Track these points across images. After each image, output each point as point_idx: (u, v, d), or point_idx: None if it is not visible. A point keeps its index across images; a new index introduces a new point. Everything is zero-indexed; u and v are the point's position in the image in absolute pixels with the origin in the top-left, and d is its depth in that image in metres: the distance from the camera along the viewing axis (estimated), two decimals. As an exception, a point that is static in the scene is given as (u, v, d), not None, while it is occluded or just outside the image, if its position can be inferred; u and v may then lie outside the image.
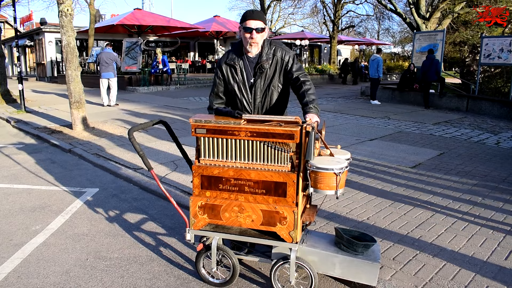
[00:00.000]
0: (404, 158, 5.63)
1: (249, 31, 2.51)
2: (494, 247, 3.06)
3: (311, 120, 2.35)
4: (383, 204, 3.92)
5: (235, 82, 2.67)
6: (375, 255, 2.42)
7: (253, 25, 2.50)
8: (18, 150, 6.46)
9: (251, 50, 2.58)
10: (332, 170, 2.22)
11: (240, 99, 2.69)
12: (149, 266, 2.89)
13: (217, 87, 2.74)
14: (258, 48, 2.59)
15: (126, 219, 3.74)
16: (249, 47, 2.57)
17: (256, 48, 2.58)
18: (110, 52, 11.44)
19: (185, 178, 4.67)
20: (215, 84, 2.75)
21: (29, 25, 28.25)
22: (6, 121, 9.31)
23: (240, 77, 2.65)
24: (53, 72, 23.72)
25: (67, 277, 2.75)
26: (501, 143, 6.79)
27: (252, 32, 2.51)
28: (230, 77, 2.68)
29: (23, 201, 4.18)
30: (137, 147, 2.48)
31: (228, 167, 2.38)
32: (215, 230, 2.50)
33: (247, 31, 2.52)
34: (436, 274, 2.68)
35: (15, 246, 3.18)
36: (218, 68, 2.72)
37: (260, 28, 2.51)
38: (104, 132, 7.52)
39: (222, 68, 2.70)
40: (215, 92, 2.76)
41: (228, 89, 2.72)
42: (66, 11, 7.20)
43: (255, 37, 2.52)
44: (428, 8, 16.31)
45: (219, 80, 2.72)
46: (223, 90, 2.75)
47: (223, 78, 2.71)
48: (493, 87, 13.15)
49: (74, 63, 7.43)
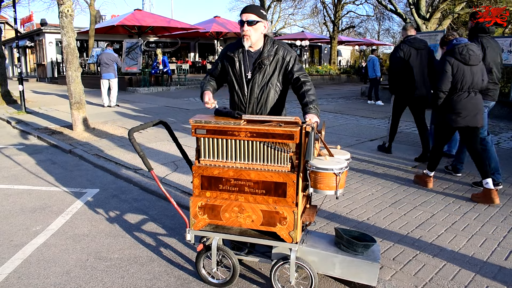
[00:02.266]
0: (404, 158, 5.63)
1: (241, 24, 2.58)
2: (494, 247, 3.06)
3: (311, 120, 2.36)
4: (383, 204, 3.92)
5: (233, 74, 2.73)
6: (375, 255, 2.42)
7: (244, 17, 2.56)
8: (18, 151, 6.46)
9: (245, 43, 2.61)
10: (332, 170, 2.22)
11: (236, 92, 2.76)
12: (149, 267, 2.89)
13: (215, 71, 2.85)
14: (251, 42, 2.61)
15: (126, 219, 3.75)
16: (242, 40, 2.62)
17: (249, 42, 2.60)
18: (110, 53, 11.43)
19: (185, 179, 4.67)
20: (216, 67, 2.85)
21: (30, 26, 28.30)
22: (6, 122, 9.32)
23: (238, 70, 2.70)
24: (53, 73, 23.75)
25: (67, 277, 2.75)
26: (501, 143, 6.78)
27: (244, 25, 2.56)
28: (229, 69, 2.75)
29: (24, 202, 4.19)
30: (137, 148, 2.48)
31: (228, 167, 2.38)
32: (215, 230, 2.50)
33: (240, 25, 2.60)
34: (436, 274, 2.68)
35: (16, 247, 3.19)
36: (222, 54, 2.80)
37: (251, 21, 2.55)
38: (105, 132, 7.52)
39: (223, 59, 2.79)
40: (211, 72, 2.88)
41: (227, 80, 2.81)
42: (66, 12, 7.21)
43: (246, 29, 2.56)
44: (428, 8, 16.31)
45: (220, 63, 2.82)
46: (219, 72, 2.84)
47: (221, 69, 2.82)
48: (493, 87, 13.11)
49: (75, 64, 7.44)
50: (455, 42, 4.05)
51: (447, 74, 3.96)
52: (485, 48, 4.39)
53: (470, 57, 3.91)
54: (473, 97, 3.97)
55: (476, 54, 3.95)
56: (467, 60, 3.92)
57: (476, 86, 4.00)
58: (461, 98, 3.96)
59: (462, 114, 3.96)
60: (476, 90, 4.02)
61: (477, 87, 4.01)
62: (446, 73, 3.97)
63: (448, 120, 4.04)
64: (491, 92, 4.46)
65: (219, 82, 2.90)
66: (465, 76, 3.93)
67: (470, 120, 3.97)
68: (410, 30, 5.55)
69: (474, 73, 3.95)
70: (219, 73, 2.84)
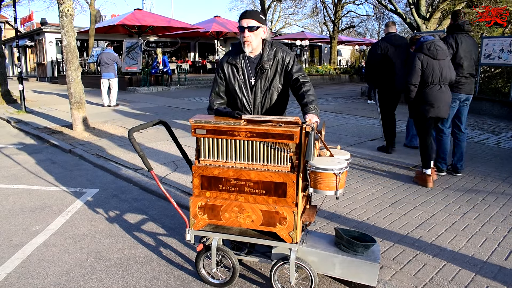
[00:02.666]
0: (404, 158, 5.63)
1: (241, 30, 2.56)
2: (494, 247, 3.06)
3: (311, 120, 2.36)
4: (383, 204, 3.92)
5: (236, 82, 2.69)
6: (375, 255, 2.42)
7: (245, 23, 2.54)
8: (18, 151, 6.46)
9: (245, 49, 2.60)
10: (332, 170, 2.22)
11: (240, 99, 2.71)
12: (149, 267, 2.89)
13: (218, 86, 2.75)
14: (252, 47, 2.60)
15: (126, 219, 3.75)
16: (243, 46, 2.59)
17: (250, 47, 2.59)
18: (110, 53, 11.48)
19: (185, 179, 4.67)
20: (216, 83, 2.76)
21: (30, 25, 28.30)
22: (6, 121, 9.32)
23: (241, 76, 2.68)
24: (53, 73, 23.75)
25: (67, 277, 2.75)
26: (501, 143, 6.78)
27: (244, 31, 2.54)
28: (231, 76, 2.70)
29: (24, 202, 4.19)
30: (137, 148, 2.48)
31: (228, 167, 2.38)
32: (215, 230, 2.50)
33: (240, 30, 2.57)
34: (436, 274, 2.68)
35: (15, 247, 3.19)
36: (220, 67, 2.74)
37: (251, 26, 2.54)
38: (105, 132, 7.52)
39: (223, 67, 2.72)
40: (215, 91, 2.76)
41: (229, 89, 2.74)
42: (66, 12, 7.21)
43: (247, 35, 2.55)
44: (428, 8, 16.31)
45: (220, 79, 2.74)
46: (224, 89, 2.75)
47: (224, 78, 2.73)
48: (493, 87, 13.16)
49: (75, 63, 7.44)
50: (422, 40, 4.37)
51: (416, 68, 4.28)
52: (458, 44, 4.70)
53: (437, 52, 4.25)
54: (443, 90, 4.32)
55: (442, 49, 4.29)
56: (435, 54, 4.25)
57: (446, 80, 4.32)
58: (433, 90, 4.29)
59: (435, 105, 4.29)
60: (446, 83, 4.35)
61: (446, 80, 4.33)
62: (415, 67, 4.28)
63: (423, 111, 4.35)
64: (462, 85, 4.72)
65: (227, 97, 2.79)
66: (434, 70, 4.25)
67: (441, 111, 4.33)
68: (392, 27, 5.86)
69: (443, 67, 4.28)
70: (223, 87, 2.74)
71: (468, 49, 4.73)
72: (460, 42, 4.69)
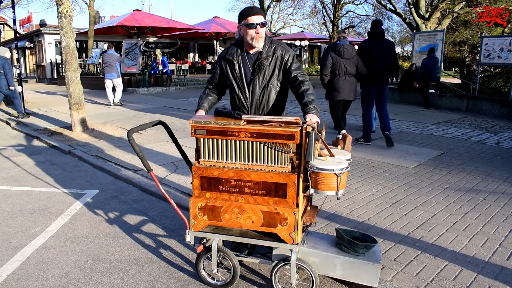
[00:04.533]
0: (405, 158, 5.62)
1: (253, 26, 2.55)
2: (496, 247, 3.05)
3: (311, 120, 2.35)
4: (384, 204, 3.91)
5: (233, 78, 2.71)
6: (376, 256, 2.41)
7: (257, 20, 2.54)
8: (17, 152, 6.45)
9: (258, 44, 2.60)
10: (333, 170, 2.21)
11: (237, 95, 2.72)
12: (149, 268, 2.88)
13: (215, 77, 2.83)
14: (263, 41, 2.61)
15: (126, 220, 3.73)
16: (255, 42, 2.59)
17: (262, 42, 2.61)
18: (112, 54, 11.78)
19: (185, 180, 4.66)
20: (215, 72, 2.83)
21: (29, 26, 28.22)
22: (5, 123, 9.30)
23: (238, 72, 2.68)
24: (52, 74, 23.73)
25: (66, 279, 2.74)
26: (502, 143, 6.77)
27: (256, 27, 2.54)
28: (229, 72, 2.72)
29: (23, 203, 4.17)
30: (137, 149, 2.47)
31: (228, 168, 2.36)
32: (215, 231, 2.49)
33: (251, 27, 2.55)
34: (437, 274, 2.66)
35: (15, 249, 3.17)
36: (220, 58, 2.78)
37: (262, 22, 2.56)
38: (104, 133, 7.51)
39: (221, 63, 2.75)
40: (212, 78, 2.86)
41: (227, 84, 2.78)
42: (65, 13, 7.19)
43: (261, 31, 2.56)
44: (428, 8, 16.32)
45: (217, 73, 2.81)
46: (219, 80, 2.82)
47: (221, 73, 2.78)
48: (493, 87, 13.17)
49: (74, 64, 7.43)
50: (338, 43, 5.99)
51: (327, 63, 5.94)
52: (370, 47, 6.16)
53: (344, 53, 5.87)
54: (347, 80, 5.96)
55: (348, 51, 5.88)
56: (342, 54, 5.88)
57: (351, 73, 5.95)
58: (339, 80, 5.95)
59: (341, 91, 5.99)
60: (351, 75, 5.96)
61: (351, 73, 5.96)
62: (326, 62, 5.96)
63: (332, 96, 6.10)
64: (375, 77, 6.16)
65: (220, 90, 2.88)
66: (340, 65, 5.90)
67: (345, 95, 6.02)
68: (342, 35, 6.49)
69: (348, 64, 5.91)
70: (220, 79, 2.81)
71: (380, 50, 6.13)
72: (372, 45, 6.16)
